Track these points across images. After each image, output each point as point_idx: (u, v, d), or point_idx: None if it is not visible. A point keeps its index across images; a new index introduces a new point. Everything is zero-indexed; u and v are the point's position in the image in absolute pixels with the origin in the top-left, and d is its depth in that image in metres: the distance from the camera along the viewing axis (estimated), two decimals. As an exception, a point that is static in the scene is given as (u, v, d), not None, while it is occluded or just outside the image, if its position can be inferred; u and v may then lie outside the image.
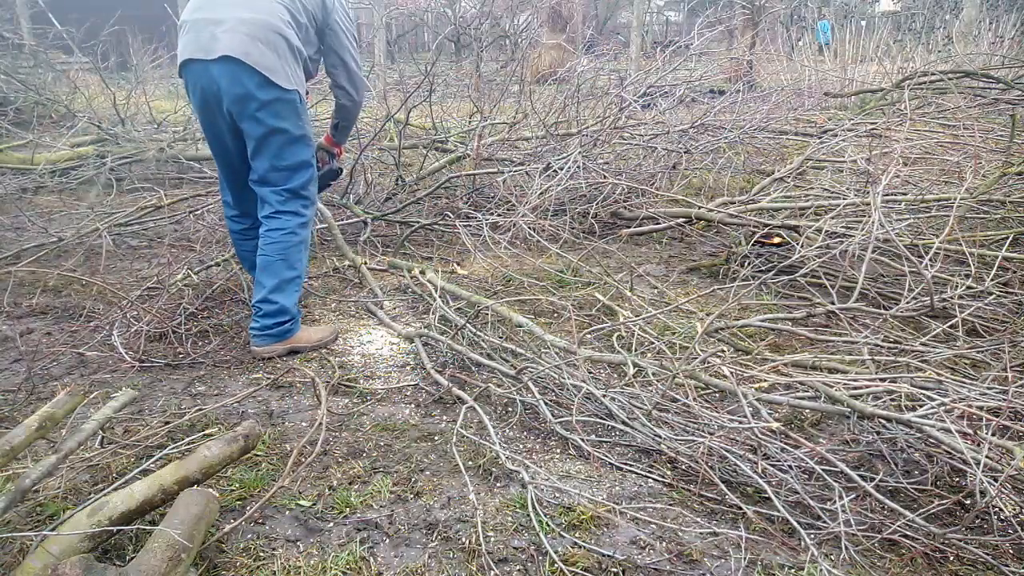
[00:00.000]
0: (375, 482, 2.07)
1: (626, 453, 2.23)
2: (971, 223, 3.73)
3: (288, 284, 2.83)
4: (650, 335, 2.77)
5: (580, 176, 4.29)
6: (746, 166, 5.54)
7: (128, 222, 4.46)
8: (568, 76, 5.75)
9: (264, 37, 2.64)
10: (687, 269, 3.98)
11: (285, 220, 2.83)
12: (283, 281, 2.82)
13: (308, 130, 2.85)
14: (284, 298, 2.82)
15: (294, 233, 2.84)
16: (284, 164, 2.80)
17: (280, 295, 2.81)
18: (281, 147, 2.77)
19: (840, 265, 3.25)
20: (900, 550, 1.79)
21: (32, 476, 1.59)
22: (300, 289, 2.93)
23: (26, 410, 2.40)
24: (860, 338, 2.57)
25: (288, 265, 2.83)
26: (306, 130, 2.83)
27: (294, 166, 2.82)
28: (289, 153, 2.79)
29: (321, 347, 2.94)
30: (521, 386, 2.50)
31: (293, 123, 2.76)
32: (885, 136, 5.03)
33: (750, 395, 2.16)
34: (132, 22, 8.59)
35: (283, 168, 2.81)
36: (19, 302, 3.36)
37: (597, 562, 1.76)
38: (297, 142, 2.80)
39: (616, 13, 24.64)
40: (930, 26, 14.14)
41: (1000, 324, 2.89)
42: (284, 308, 2.82)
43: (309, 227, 2.94)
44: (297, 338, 2.89)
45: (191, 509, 1.63)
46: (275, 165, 2.79)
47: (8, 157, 6.01)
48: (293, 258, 2.84)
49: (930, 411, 1.95)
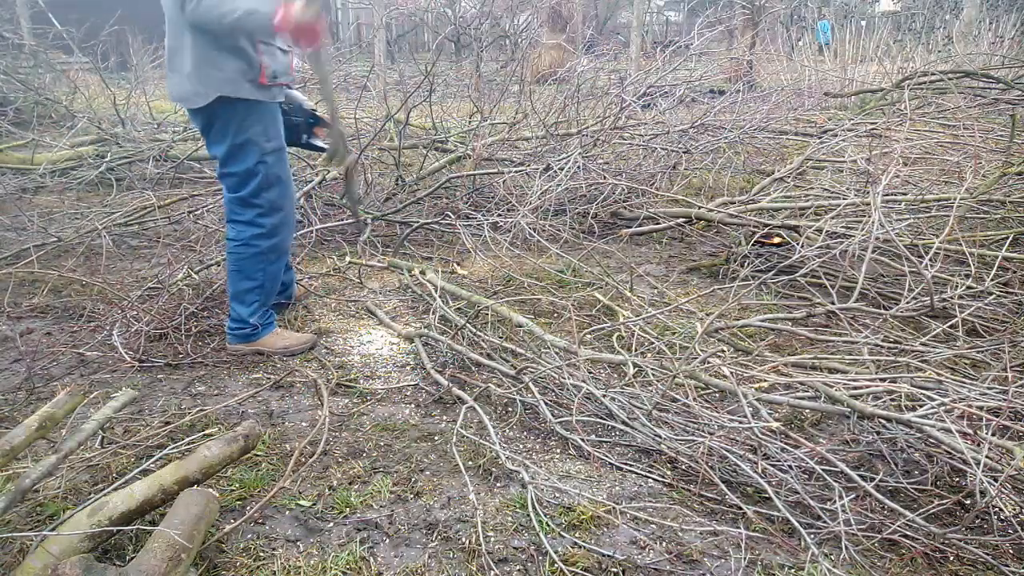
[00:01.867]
0: (375, 482, 2.07)
1: (626, 453, 2.23)
2: (971, 223, 3.73)
3: (245, 294, 2.80)
4: (650, 335, 2.77)
5: (580, 176, 4.29)
6: (746, 166, 5.54)
7: (128, 222, 4.46)
8: (568, 76, 5.75)
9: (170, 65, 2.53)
10: (687, 269, 3.98)
11: (239, 230, 2.74)
12: (239, 291, 2.81)
13: (252, 134, 2.60)
14: (241, 308, 2.82)
15: (248, 245, 2.74)
16: (228, 171, 2.67)
17: (237, 304, 2.82)
18: (226, 156, 2.64)
19: (840, 265, 3.25)
20: (900, 550, 1.79)
21: (32, 476, 1.59)
22: (260, 298, 2.82)
23: (26, 410, 2.40)
24: (860, 338, 2.57)
25: (244, 276, 2.78)
26: (248, 135, 2.59)
27: (240, 173, 2.65)
28: (232, 161, 2.64)
29: (288, 354, 2.86)
30: (521, 386, 2.51)
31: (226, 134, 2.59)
32: (885, 136, 5.04)
33: (750, 395, 2.16)
34: (132, 22, 8.58)
35: (230, 175, 2.68)
36: (19, 302, 3.36)
37: (597, 562, 1.76)
38: (241, 149, 2.61)
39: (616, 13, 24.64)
40: (930, 26, 14.15)
41: (1000, 324, 2.89)
42: (241, 317, 2.83)
43: (274, 237, 2.77)
44: (263, 342, 2.87)
45: (191, 509, 1.63)
46: (222, 172, 2.69)
47: (8, 157, 6.01)
48: (248, 269, 2.77)
49: (930, 411, 1.95)
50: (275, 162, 2.69)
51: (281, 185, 2.74)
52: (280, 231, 2.79)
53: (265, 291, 2.84)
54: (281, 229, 2.79)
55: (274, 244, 2.79)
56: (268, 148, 2.65)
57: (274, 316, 2.97)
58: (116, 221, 4.39)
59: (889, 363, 2.41)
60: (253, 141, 2.61)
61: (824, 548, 1.80)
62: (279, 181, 2.72)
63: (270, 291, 2.87)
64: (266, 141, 2.64)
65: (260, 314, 2.85)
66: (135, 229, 4.49)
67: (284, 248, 2.88)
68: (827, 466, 1.95)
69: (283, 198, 2.76)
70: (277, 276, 2.87)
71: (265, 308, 2.88)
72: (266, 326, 2.89)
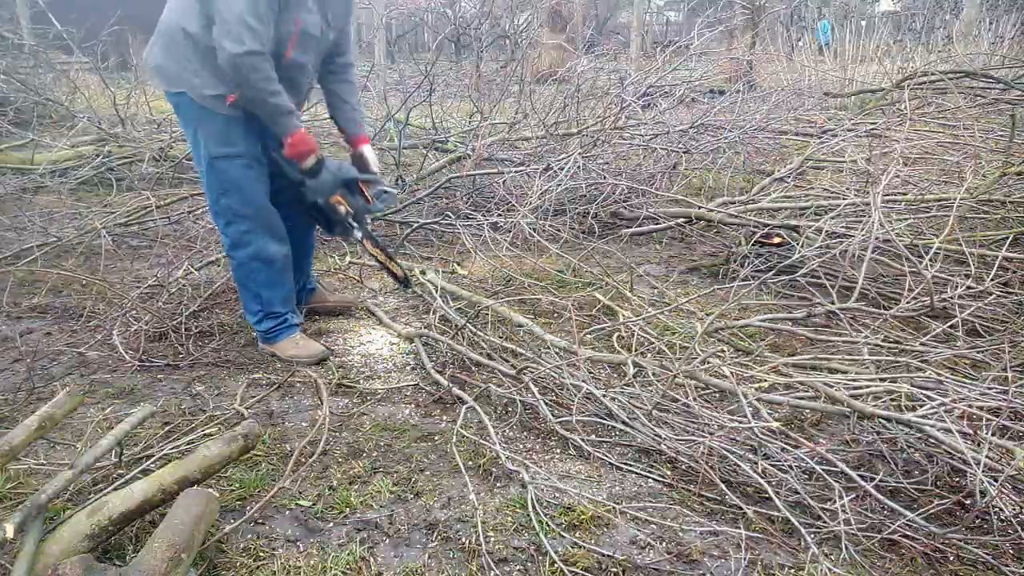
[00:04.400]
0: (375, 482, 2.07)
1: (626, 453, 2.23)
2: (971, 223, 3.73)
3: (248, 303, 2.86)
4: (650, 335, 2.77)
5: (580, 176, 4.28)
6: (746, 166, 5.54)
7: (128, 222, 4.45)
8: (568, 76, 5.75)
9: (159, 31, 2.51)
10: (687, 269, 3.98)
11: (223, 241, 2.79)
12: (243, 299, 2.90)
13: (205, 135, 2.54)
14: (248, 315, 2.90)
15: (230, 256, 2.80)
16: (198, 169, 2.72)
17: (246, 311, 2.91)
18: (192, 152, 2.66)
19: (840, 265, 3.24)
20: (900, 550, 1.79)
21: (48, 492, 1.59)
22: (261, 307, 2.82)
23: (26, 410, 2.40)
24: (860, 338, 2.57)
25: (240, 285, 2.85)
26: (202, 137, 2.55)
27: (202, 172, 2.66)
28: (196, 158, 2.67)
29: (293, 362, 2.81)
30: (521, 386, 2.50)
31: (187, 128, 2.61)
32: (885, 136, 5.04)
33: (750, 395, 2.16)
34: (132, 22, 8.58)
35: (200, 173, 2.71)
36: (19, 302, 3.36)
37: (597, 562, 1.76)
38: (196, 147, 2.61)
39: (616, 13, 24.64)
40: (930, 26, 14.15)
41: (1000, 324, 2.89)
42: (251, 322, 2.90)
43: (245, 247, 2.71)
44: (278, 347, 2.87)
45: (191, 509, 1.63)
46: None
47: (8, 157, 6.00)
48: (240, 279, 2.82)
49: (930, 411, 1.95)
50: (229, 168, 2.60)
51: (240, 193, 2.63)
52: (251, 240, 2.70)
53: (264, 300, 2.81)
54: (252, 238, 2.70)
55: (250, 254, 2.72)
56: (220, 153, 2.58)
57: (291, 321, 2.89)
58: (116, 221, 4.39)
59: (889, 363, 2.41)
60: (206, 144, 2.57)
61: (824, 548, 1.80)
62: (237, 188, 2.62)
63: (271, 299, 2.82)
64: (219, 146, 2.57)
65: (268, 322, 2.84)
66: (135, 229, 4.48)
67: (267, 257, 2.74)
68: (827, 466, 1.95)
69: (246, 205, 2.65)
70: (277, 284, 2.81)
71: (273, 316, 2.84)
72: (281, 331, 2.86)
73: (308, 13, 2.48)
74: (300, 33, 2.48)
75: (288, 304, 2.89)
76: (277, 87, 2.43)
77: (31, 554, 1.50)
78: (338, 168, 2.72)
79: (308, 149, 2.58)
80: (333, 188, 2.72)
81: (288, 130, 2.52)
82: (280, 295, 2.85)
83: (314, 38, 2.55)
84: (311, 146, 2.59)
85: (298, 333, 2.89)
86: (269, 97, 2.43)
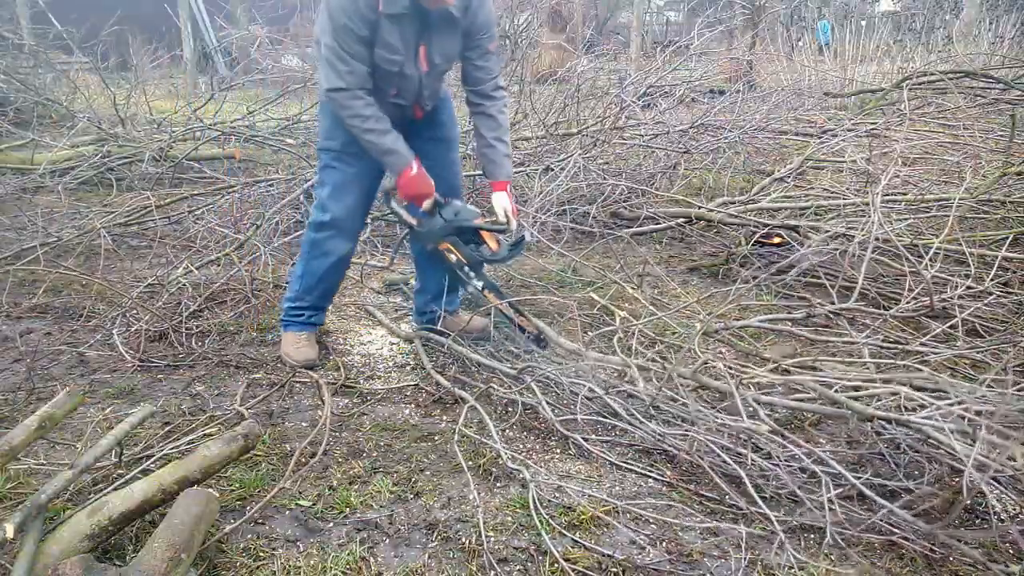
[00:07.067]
0: (375, 482, 2.07)
1: (626, 453, 2.24)
2: (971, 223, 3.73)
3: (293, 278, 2.87)
4: (650, 335, 2.77)
5: (580, 176, 4.28)
6: (746, 166, 5.54)
7: (128, 222, 4.45)
8: (568, 76, 5.75)
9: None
10: (687, 269, 3.98)
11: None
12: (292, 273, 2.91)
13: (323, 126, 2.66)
14: (288, 290, 2.92)
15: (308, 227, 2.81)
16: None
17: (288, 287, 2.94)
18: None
19: (840, 265, 3.24)
20: (900, 550, 1.79)
21: (48, 492, 1.59)
22: (297, 289, 2.82)
23: (26, 410, 2.40)
24: (860, 338, 2.57)
25: (299, 257, 2.85)
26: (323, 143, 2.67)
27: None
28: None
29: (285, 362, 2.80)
30: (523, 386, 2.50)
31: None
32: (885, 136, 5.04)
33: (749, 396, 2.16)
34: (132, 22, 8.58)
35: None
36: (19, 302, 3.36)
37: (597, 562, 1.76)
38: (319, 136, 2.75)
39: (616, 13, 24.62)
40: (930, 26, 14.15)
41: (1000, 324, 2.89)
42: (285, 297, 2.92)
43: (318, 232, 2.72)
44: (283, 336, 2.88)
45: (191, 509, 1.63)
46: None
47: (8, 157, 5.99)
48: (302, 251, 2.81)
49: (930, 412, 1.95)
50: (331, 161, 2.64)
51: (330, 188, 2.66)
52: (325, 230, 2.70)
53: (304, 285, 2.81)
54: (327, 229, 2.70)
55: (316, 240, 2.73)
56: (323, 145, 2.66)
57: (309, 319, 2.87)
58: (116, 221, 4.38)
59: (889, 363, 2.41)
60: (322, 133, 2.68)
61: (824, 548, 1.80)
62: (331, 184, 2.66)
63: (308, 288, 2.81)
64: (324, 138, 2.66)
65: (293, 306, 2.84)
66: (135, 229, 4.48)
67: (328, 251, 2.73)
68: (826, 467, 1.95)
69: (332, 201, 2.66)
70: (319, 276, 2.78)
71: (300, 305, 2.83)
72: (293, 323, 2.86)
73: (394, 54, 2.40)
74: (388, 74, 2.44)
75: (322, 299, 2.88)
76: (372, 125, 2.41)
77: (31, 554, 1.50)
78: (455, 214, 2.60)
79: (419, 192, 2.53)
80: (441, 235, 2.61)
81: (394, 169, 2.51)
82: (316, 290, 2.83)
83: (407, 78, 2.48)
84: (423, 189, 2.53)
85: (306, 333, 2.87)
86: (363, 134, 2.44)
